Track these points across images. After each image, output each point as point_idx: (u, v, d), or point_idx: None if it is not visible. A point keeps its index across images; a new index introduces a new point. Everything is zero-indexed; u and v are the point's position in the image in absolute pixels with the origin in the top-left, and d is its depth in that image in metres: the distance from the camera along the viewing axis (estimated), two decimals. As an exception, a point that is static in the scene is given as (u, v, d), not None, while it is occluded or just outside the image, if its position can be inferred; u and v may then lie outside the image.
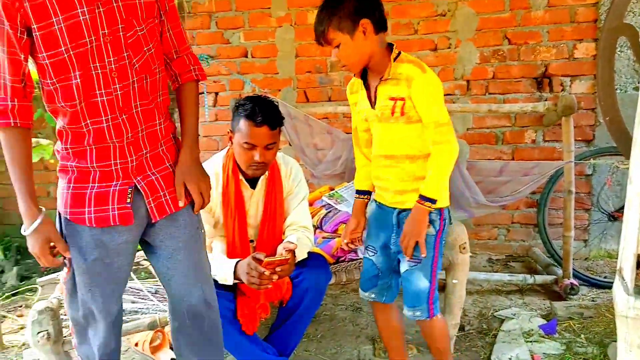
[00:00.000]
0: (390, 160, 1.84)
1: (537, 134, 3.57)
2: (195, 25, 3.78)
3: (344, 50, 1.72)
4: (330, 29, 1.69)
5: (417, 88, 1.70)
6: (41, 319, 1.77)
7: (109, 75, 1.41)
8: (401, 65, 1.74)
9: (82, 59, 1.37)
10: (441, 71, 3.58)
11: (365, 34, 1.70)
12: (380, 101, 1.78)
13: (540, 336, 2.53)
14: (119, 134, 1.46)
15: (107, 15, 1.38)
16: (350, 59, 1.76)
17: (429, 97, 1.72)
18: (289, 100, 3.71)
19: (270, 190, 2.17)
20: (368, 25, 1.69)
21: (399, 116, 1.75)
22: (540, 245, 3.50)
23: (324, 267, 2.16)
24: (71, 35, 1.34)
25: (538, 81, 3.52)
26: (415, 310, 1.85)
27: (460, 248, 2.28)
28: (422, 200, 1.74)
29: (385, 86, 1.76)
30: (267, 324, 2.29)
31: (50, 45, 1.35)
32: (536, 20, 3.45)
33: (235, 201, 2.11)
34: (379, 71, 1.78)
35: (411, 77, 1.70)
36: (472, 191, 2.88)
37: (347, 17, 1.67)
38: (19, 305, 3.24)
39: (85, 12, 1.34)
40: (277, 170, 2.20)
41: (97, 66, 1.39)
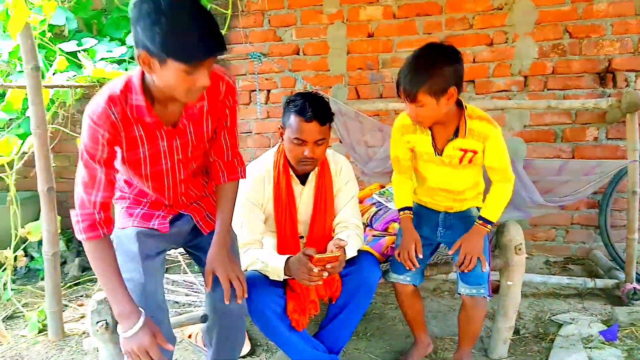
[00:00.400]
0: (446, 192, 2.09)
1: (599, 131, 3.41)
2: (249, 24, 3.83)
3: (426, 111, 1.82)
4: (420, 92, 1.76)
5: (492, 144, 1.91)
6: (100, 308, 1.83)
7: (177, 180, 1.75)
8: (473, 122, 1.90)
9: (157, 175, 1.70)
10: (497, 67, 3.48)
11: (449, 99, 1.80)
12: (448, 151, 1.95)
13: (600, 342, 2.42)
14: (175, 195, 1.79)
15: (182, 145, 1.66)
16: (428, 119, 1.87)
17: (501, 150, 1.94)
18: (340, 97, 3.71)
19: (320, 186, 2.17)
20: (455, 92, 1.80)
21: (467, 164, 1.96)
22: (601, 248, 3.37)
23: (374, 265, 2.14)
24: (152, 160, 1.64)
25: (601, 76, 3.36)
26: (479, 288, 2.01)
27: (516, 249, 2.22)
28: (483, 222, 2.00)
29: (457, 140, 1.92)
30: (317, 321, 2.29)
31: (135, 165, 1.64)
32: (599, 13, 3.30)
33: (287, 196, 2.13)
34: (447, 124, 1.92)
35: (486, 135, 1.90)
36: (529, 190, 2.79)
37: (440, 83, 1.76)
38: (80, 295, 3.39)
39: (165, 145, 1.62)
40: (327, 167, 2.20)
41: (170, 178, 1.73)
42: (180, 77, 1.39)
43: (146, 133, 1.57)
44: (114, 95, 1.49)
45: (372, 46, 3.67)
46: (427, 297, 3.05)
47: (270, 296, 2.00)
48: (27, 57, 2.53)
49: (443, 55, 1.79)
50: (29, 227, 2.98)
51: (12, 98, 3.02)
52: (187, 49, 1.36)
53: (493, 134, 1.89)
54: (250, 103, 3.96)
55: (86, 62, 3.06)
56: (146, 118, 1.53)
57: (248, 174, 2.11)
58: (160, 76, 1.42)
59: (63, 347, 2.68)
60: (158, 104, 1.55)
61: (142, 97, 1.50)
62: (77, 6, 3.53)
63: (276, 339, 2.07)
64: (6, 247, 3.00)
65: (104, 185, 1.53)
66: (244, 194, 2.13)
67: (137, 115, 1.53)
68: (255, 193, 2.13)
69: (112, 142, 1.51)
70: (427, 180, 2.10)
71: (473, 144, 1.91)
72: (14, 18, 2.21)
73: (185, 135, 1.64)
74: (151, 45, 1.34)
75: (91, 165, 1.52)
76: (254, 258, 2.03)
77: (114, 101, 1.49)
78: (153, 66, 1.40)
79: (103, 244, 1.57)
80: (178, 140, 1.64)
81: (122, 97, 1.50)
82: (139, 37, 1.37)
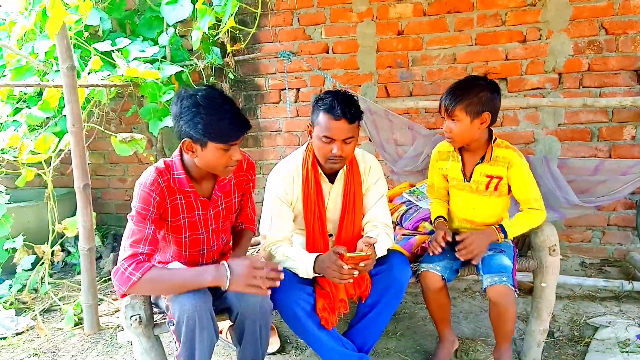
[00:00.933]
0: (470, 224, 2.24)
1: (637, 130, 3.31)
2: (278, 23, 3.85)
3: (459, 128, 2.04)
4: (458, 107, 2.01)
5: (516, 171, 2.08)
6: (134, 303, 1.87)
7: (211, 252, 2.05)
8: (500, 150, 2.10)
9: (194, 244, 1.98)
10: (530, 64, 3.41)
11: (482, 123, 2.03)
12: (476, 176, 2.14)
13: (637, 346, 2.36)
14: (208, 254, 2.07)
15: (215, 216, 1.98)
16: (460, 137, 2.07)
17: (525, 179, 2.09)
18: (369, 95, 3.69)
19: (349, 185, 2.17)
20: (488, 118, 2.03)
21: (492, 191, 2.13)
22: (639, 250, 3.27)
23: (404, 264, 2.12)
24: (190, 227, 1.94)
25: (638, 74, 3.26)
26: (501, 276, 2.01)
27: (550, 250, 2.18)
28: (499, 229, 2.10)
29: (484, 165, 2.12)
30: (347, 320, 2.29)
31: (176, 231, 1.93)
32: (636, 8, 3.20)
33: (315, 194, 2.13)
34: (476, 152, 2.14)
35: (510, 162, 2.07)
36: (564, 191, 2.74)
37: (476, 105, 2.00)
38: (114, 289, 3.45)
39: (200, 214, 1.95)
40: (356, 166, 2.20)
41: (205, 248, 2.02)
42: (220, 155, 1.77)
43: (186, 202, 1.90)
44: (160, 169, 1.85)
45: (402, 44, 3.64)
46: (458, 297, 3.01)
47: (299, 294, 2.01)
48: (62, 56, 2.60)
49: (483, 83, 2.04)
50: (66, 222, 3.07)
51: (48, 97, 3.11)
52: (224, 133, 1.74)
53: (517, 162, 2.07)
54: (279, 102, 3.97)
55: (120, 61, 3.12)
56: (186, 188, 1.87)
57: (277, 172, 2.17)
58: (202, 157, 1.78)
59: (98, 340, 2.74)
60: (194, 181, 1.90)
61: (183, 171, 1.86)
62: (111, 7, 3.60)
63: (305, 336, 2.07)
64: (44, 242, 3.09)
65: (150, 239, 1.77)
66: (273, 192, 2.15)
67: (179, 186, 1.87)
68: (284, 191, 2.14)
69: (160, 204, 1.83)
70: (453, 213, 2.30)
71: (498, 170, 2.09)
72: (51, 18, 2.26)
73: (217, 206, 1.98)
74: (194, 134, 1.72)
75: (141, 223, 1.78)
76: (284, 255, 2.04)
77: (161, 173, 1.84)
78: (196, 150, 1.77)
79: (155, 269, 1.73)
80: (212, 210, 1.97)
81: (166, 171, 1.86)
82: (182, 129, 1.74)
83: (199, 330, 1.70)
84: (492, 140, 2.12)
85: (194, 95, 1.74)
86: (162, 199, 1.83)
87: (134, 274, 1.68)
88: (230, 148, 1.77)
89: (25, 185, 3.09)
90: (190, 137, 1.74)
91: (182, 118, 1.73)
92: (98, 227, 4.01)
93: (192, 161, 1.84)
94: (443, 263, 2.16)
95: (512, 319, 2.09)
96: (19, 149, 2.92)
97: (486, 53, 3.45)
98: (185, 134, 1.75)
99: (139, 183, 1.83)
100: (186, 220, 1.92)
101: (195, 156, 1.79)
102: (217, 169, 1.83)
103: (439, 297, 2.20)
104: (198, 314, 1.68)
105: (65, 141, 2.97)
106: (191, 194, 1.90)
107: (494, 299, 2.03)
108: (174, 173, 1.86)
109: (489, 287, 2.02)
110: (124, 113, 4.02)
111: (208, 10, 3.02)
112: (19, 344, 2.74)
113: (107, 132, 3.21)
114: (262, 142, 4.07)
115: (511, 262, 2.07)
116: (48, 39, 3.22)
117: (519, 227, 2.12)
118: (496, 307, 2.06)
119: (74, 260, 3.83)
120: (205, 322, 1.71)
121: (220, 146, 1.75)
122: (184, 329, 1.69)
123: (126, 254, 1.72)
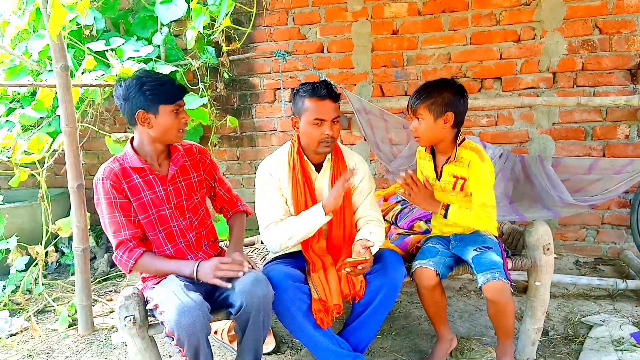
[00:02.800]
0: (446, 221, 2.23)
1: (630, 129, 3.33)
2: (273, 22, 3.84)
3: (423, 126, 2.11)
4: (421, 105, 2.09)
5: (473, 172, 2.11)
6: (128, 304, 1.86)
7: (182, 228, 2.12)
8: (464, 151, 2.14)
9: (163, 219, 2.05)
10: (524, 63, 3.42)
11: (445, 123, 2.09)
12: (444, 176, 2.20)
13: (631, 345, 2.36)
14: (186, 246, 2.14)
15: (175, 191, 2.08)
16: (424, 135, 2.14)
17: (482, 182, 2.10)
18: (364, 94, 3.69)
19: (335, 175, 2.22)
20: (452, 118, 2.08)
21: (459, 191, 2.17)
22: (633, 248, 3.29)
23: (399, 263, 2.13)
24: (155, 203, 2.03)
25: (632, 73, 3.28)
26: (494, 272, 2.01)
27: (544, 249, 2.18)
28: (444, 205, 2.15)
29: (450, 165, 2.17)
30: (342, 319, 2.29)
31: (143, 210, 2.01)
32: (630, 8, 3.22)
33: (303, 180, 2.18)
34: (445, 152, 2.19)
35: (470, 162, 2.11)
36: (558, 189, 2.75)
37: (439, 105, 2.07)
38: (109, 290, 3.45)
39: (161, 190, 2.05)
40: (340, 156, 2.26)
41: (176, 224, 2.09)
42: (172, 118, 1.96)
43: (144, 180, 2.02)
44: (114, 158, 2.03)
45: (397, 43, 3.65)
46: (453, 296, 3.02)
47: (296, 293, 2.01)
48: (56, 56, 2.58)
49: (448, 85, 2.11)
50: (60, 223, 3.05)
51: (42, 97, 3.09)
52: (170, 93, 1.95)
53: (476, 163, 2.10)
54: (274, 101, 3.97)
55: (114, 61, 3.10)
56: (139, 165, 2.00)
57: (263, 164, 2.27)
58: (157, 125, 1.96)
59: (92, 341, 2.73)
60: (148, 160, 2.04)
61: (135, 154, 2.01)
62: (105, 6, 3.59)
63: (301, 336, 2.07)
64: (38, 242, 3.08)
65: (126, 224, 1.96)
66: (261, 182, 2.23)
67: (132, 166, 2.00)
68: (272, 179, 2.20)
69: (117, 189, 1.95)
70: (434, 213, 2.31)
71: (461, 170, 2.14)
72: (52, 19, 2.24)
73: (175, 182, 2.09)
74: (145, 102, 1.91)
75: (110, 212, 1.95)
76: (286, 226, 2.12)
77: (114, 160, 2.01)
78: (150, 120, 1.95)
79: (146, 255, 1.97)
80: (170, 186, 2.07)
81: (120, 158, 2.02)
82: (133, 104, 1.92)
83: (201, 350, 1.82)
84: (459, 140, 2.17)
85: (131, 76, 1.97)
86: (118, 183, 1.96)
87: (128, 261, 1.93)
88: (178, 109, 1.98)
89: (18, 185, 3.06)
90: (143, 108, 1.93)
91: (130, 94, 1.92)
92: (92, 227, 3.99)
93: (140, 144, 2.03)
94: (436, 259, 2.17)
95: (511, 314, 2.08)
96: (13, 149, 2.90)
97: (481, 52, 3.46)
98: (136, 107, 1.92)
99: (95, 178, 1.99)
100: (149, 198, 2.02)
101: (150, 127, 1.96)
102: (172, 133, 2.00)
103: (434, 294, 2.19)
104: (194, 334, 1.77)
105: (59, 141, 2.95)
106: (146, 170, 2.02)
107: (491, 296, 2.03)
108: (127, 158, 2.02)
109: (483, 285, 2.02)
110: (117, 113, 4.01)
111: (203, 9, 3.01)
112: (13, 345, 2.73)
113: (101, 132, 3.20)
114: (257, 142, 4.06)
115: (500, 258, 2.08)
116: (41, 39, 3.21)
117: (460, 217, 2.13)
118: (494, 305, 2.06)
119: (68, 261, 3.81)
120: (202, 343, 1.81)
121: (170, 107, 1.95)
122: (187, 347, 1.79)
123: (115, 243, 1.96)
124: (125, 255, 1.93)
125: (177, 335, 1.73)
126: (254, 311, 1.89)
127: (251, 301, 1.87)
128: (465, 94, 2.13)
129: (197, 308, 1.75)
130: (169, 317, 1.74)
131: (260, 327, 1.96)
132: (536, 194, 2.86)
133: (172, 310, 1.74)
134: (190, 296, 1.78)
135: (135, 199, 1.99)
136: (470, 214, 2.12)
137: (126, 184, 1.98)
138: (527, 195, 2.90)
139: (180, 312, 1.73)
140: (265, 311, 1.94)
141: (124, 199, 1.97)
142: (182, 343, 1.75)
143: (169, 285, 1.87)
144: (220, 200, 2.34)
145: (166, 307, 1.78)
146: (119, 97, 1.95)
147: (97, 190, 1.97)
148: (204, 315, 1.77)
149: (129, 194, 1.98)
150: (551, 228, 2.24)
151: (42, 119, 3.36)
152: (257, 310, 1.90)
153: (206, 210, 2.25)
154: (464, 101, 2.12)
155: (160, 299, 1.85)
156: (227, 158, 4.16)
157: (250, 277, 1.92)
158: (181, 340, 1.74)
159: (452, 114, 2.07)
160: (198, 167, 2.21)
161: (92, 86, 3.05)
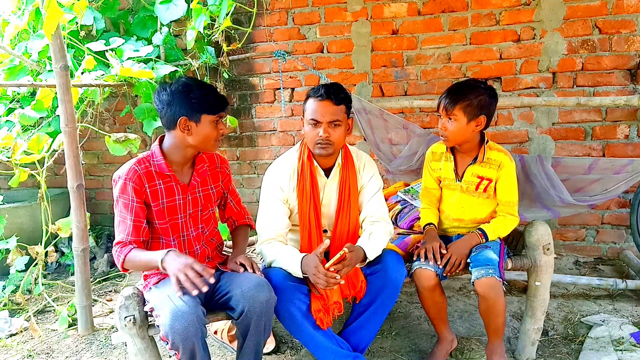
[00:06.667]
0: (459, 222, 2.31)
1: (630, 129, 3.33)
2: (273, 22, 3.84)
3: (455, 127, 2.12)
4: (457, 106, 2.09)
5: (506, 173, 2.16)
6: (128, 304, 1.86)
7: (191, 239, 2.12)
8: (493, 152, 2.18)
9: (175, 228, 2.06)
10: (524, 63, 3.42)
11: (477, 126, 2.12)
12: (467, 177, 2.22)
13: (631, 345, 2.37)
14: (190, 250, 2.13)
15: (193, 201, 2.08)
16: (454, 136, 2.14)
17: (512, 182, 2.18)
18: (364, 94, 3.69)
19: (345, 180, 2.18)
20: (484, 121, 2.12)
21: (482, 192, 2.21)
22: (632, 248, 3.29)
23: (399, 263, 2.13)
24: (170, 211, 2.03)
25: (632, 73, 3.28)
26: (488, 269, 2.03)
27: (544, 249, 2.18)
28: (481, 233, 2.19)
29: (475, 166, 2.19)
30: (342, 319, 2.29)
31: (159, 215, 2.01)
32: (629, 8, 3.22)
33: (311, 187, 2.14)
34: (469, 153, 2.21)
35: (502, 164, 2.16)
36: (557, 189, 2.75)
37: (475, 107, 2.08)
38: (108, 290, 3.45)
39: (180, 199, 2.04)
40: (351, 161, 2.22)
41: (186, 234, 2.09)
42: (212, 128, 1.96)
43: (166, 187, 2.01)
44: (140, 158, 2.00)
45: (397, 43, 3.65)
46: (453, 296, 3.02)
47: (295, 294, 2.01)
48: (56, 56, 2.58)
49: (483, 87, 2.12)
50: (60, 223, 3.05)
51: (42, 97, 3.09)
52: (214, 104, 1.95)
53: (508, 165, 2.15)
54: (274, 101, 3.97)
55: (114, 61, 3.10)
56: (165, 172, 1.99)
57: (273, 169, 2.22)
58: (197, 133, 1.95)
59: (92, 341, 2.73)
60: (173, 166, 2.03)
61: (162, 158, 1.99)
62: (105, 6, 3.58)
63: (301, 336, 2.07)
64: (37, 242, 3.07)
65: (132, 230, 1.94)
66: (267, 189, 2.17)
67: (158, 170, 1.99)
68: (280, 187, 2.15)
69: (138, 192, 1.94)
70: (443, 212, 2.37)
71: (489, 172, 2.17)
72: (47, 18, 2.24)
73: (195, 192, 2.09)
74: (190, 110, 1.91)
75: (123, 213, 1.95)
76: (275, 252, 2.07)
77: (140, 162, 1.99)
78: (191, 128, 1.94)
79: (134, 251, 1.92)
80: (190, 196, 2.07)
81: (146, 160, 2.00)
82: (176, 110, 1.91)
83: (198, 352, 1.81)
84: (484, 142, 2.19)
85: (177, 82, 1.95)
86: (140, 186, 1.95)
87: (120, 257, 1.93)
88: (218, 120, 1.99)
89: (18, 185, 3.06)
90: (186, 115, 1.92)
91: (175, 100, 1.91)
92: (92, 227, 3.99)
93: (171, 148, 2.01)
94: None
95: (501, 313, 2.09)
96: (12, 149, 2.90)
97: (480, 52, 3.46)
98: (179, 113, 1.92)
99: (118, 174, 1.97)
100: (165, 205, 2.01)
101: (190, 134, 1.95)
102: (209, 143, 2.00)
103: (434, 294, 2.19)
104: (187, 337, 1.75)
105: (58, 141, 2.95)
106: (171, 178, 2.01)
107: (481, 292, 2.04)
108: (154, 160, 2.00)
109: (476, 280, 2.03)
110: (117, 113, 4.01)
111: (203, 9, 3.01)
112: (13, 346, 2.73)
113: (101, 132, 3.19)
114: (257, 142, 4.06)
115: (497, 256, 2.09)
116: (41, 39, 3.20)
117: (497, 231, 2.20)
118: (484, 301, 2.07)
119: (68, 261, 3.81)
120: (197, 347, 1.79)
121: (212, 118, 1.95)
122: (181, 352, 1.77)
123: (116, 240, 1.97)
124: (118, 252, 1.94)
125: (172, 339, 1.72)
126: (255, 317, 1.88)
127: (253, 306, 1.87)
128: (497, 97, 2.17)
129: (191, 313, 1.74)
130: (163, 322, 1.74)
131: (261, 333, 1.96)
132: (536, 194, 2.86)
133: (166, 315, 1.73)
134: (184, 300, 1.76)
135: (154, 204, 1.98)
136: (501, 224, 2.20)
137: (149, 188, 1.97)
138: (526, 195, 2.90)
139: (174, 316, 1.72)
140: (267, 317, 1.93)
141: (141, 203, 1.95)
142: (176, 347, 1.74)
143: (165, 288, 1.87)
144: (230, 211, 2.32)
145: (161, 311, 1.78)
146: (162, 101, 1.93)
147: (116, 186, 1.96)
148: (198, 320, 1.75)
149: (150, 198, 1.97)
150: (551, 228, 2.24)
151: (42, 119, 3.35)
152: (259, 316, 1.89)
153: (215, 220, 2.26)
154: (495, 104, 2.15)
155: (155, 302, 1.85)
156: (227, 158, 4.16)
157: (253, 281, 1.91)
158: (175, 345, 1.73)
159: (485, 117, 2.11)
160: (217, 177, 2.20)
161: (92, 86, 3.05)
